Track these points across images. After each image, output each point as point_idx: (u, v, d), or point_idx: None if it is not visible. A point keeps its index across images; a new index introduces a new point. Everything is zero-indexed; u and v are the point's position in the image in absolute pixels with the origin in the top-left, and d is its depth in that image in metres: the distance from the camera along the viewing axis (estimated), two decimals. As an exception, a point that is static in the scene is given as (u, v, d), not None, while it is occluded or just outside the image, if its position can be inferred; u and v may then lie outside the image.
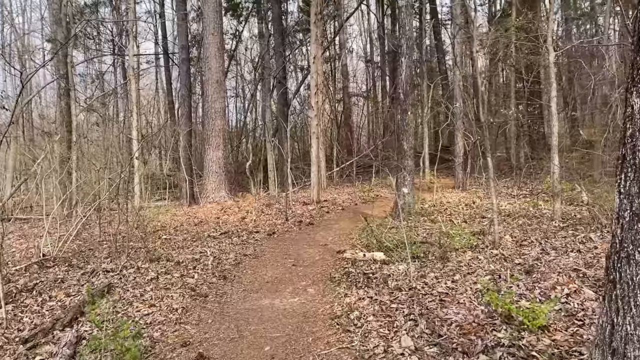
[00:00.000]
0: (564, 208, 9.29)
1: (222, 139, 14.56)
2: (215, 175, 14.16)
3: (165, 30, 24.38)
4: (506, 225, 8.40)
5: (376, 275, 5.83)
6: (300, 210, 12.24)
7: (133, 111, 16.42)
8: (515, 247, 6.94)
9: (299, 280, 6.31)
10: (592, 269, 5.29)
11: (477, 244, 6.91)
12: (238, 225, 10.62)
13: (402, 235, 7.04)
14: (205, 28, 14.67)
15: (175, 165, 22.66)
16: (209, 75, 14.47)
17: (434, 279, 5.44)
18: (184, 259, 7.36)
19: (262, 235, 9.50)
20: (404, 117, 9.32)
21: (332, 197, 14.41)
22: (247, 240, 8.99)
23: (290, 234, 9.67)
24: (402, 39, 9.35)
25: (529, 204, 10.08)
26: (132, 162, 15.48)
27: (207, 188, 14.29)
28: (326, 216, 11.46)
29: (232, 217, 11.63)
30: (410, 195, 9.51)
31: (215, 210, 12.84)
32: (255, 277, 6.62)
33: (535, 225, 8.24)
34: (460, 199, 11.78)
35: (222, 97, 14.78)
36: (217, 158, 14.34)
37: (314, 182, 12.98)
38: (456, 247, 6.61)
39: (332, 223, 10.56)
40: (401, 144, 9.38)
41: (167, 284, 6.15)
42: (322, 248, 8.16)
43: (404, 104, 9.32)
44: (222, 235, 9.44)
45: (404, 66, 9.30)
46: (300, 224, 10.60)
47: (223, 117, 14.81)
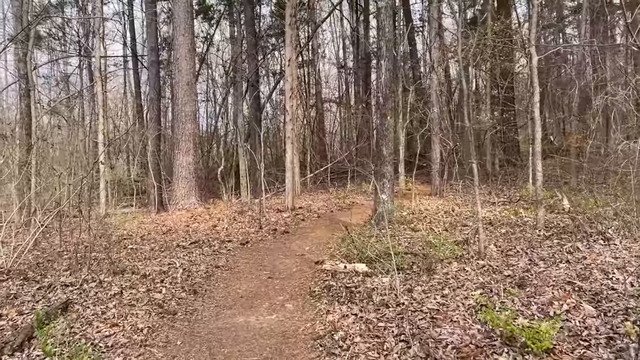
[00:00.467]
0: (545, 216, 9.09)
1: (193, 143, 14.02)
2: (185, 181, 13.59)
3: (134, 32, 23.63)
4: (489, 234, 8.13)
5: (359, 289, 5.44)
6: (274, 217, 11.79)
7: (99, 114, 15.72)
8: (501, 257, 6.66)
9: (276, 295, 5.88)
10: (587, 281, 5.02)
11: (462, 254, 6.60)
12: (209, 233, 10.11)
13: (385, 245, 6.68)
14: (176, 29, 14.13)
15: (143, 170, 21.92)
16: (179, 78, 13.92)
17: (421, 294, 5.08)
18: (151, 271, 6.84)
19: (234, 244, 9.02)
20: (383, 121, 9.00)
21: (306, 204, 13.99)
22: (219, 250, 8.51)
23: (264, 243, 9.22)
24: (381, 41, 9.04)
25: (510, 212, 9.86)
26: (97, 167, 14.80)
27: (176, 194, 13.71)
28: (302, 224, 11.04)
29: (203, 225, 11.11)
30: (390, 202, 9.18)
31: (184, 217, 12.29)
32: (228, 291, 6.16)
33: (518, 233, 8.00)
34: (438, 206, 11.52)
35: (193, 100, 14.25)
36: (187, 163, 13.78)
37: (289, 188, 12.56)
38: (441, 258, 6.28)
39: (308, 231, 10.15)
40: (380, 150, 9.05)
41: (131, 300, 5.63)
42: (299, 258, 7.75)
43: (384, 108, 9.00)
44: (192, 245, 8.92)
45: (383, 69, 8.99)
46: (275, 232, 10.16)
47: (194, 121, 14.26)
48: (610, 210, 8.25)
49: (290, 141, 12.58)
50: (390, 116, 9.00)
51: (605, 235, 6.93)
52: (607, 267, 5.47)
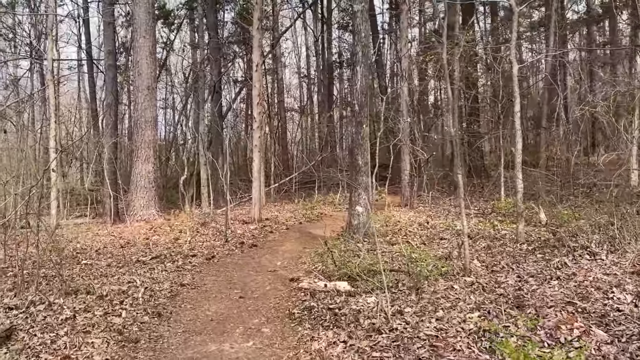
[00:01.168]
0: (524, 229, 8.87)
1: (153, 151, 13.28)
2: (144, 190, 12.83)
3: (89, 35, 22.52)
4: (469, 248, 7.81)
5: (344, 311, 4.96)
6: (240, 229, 11.20)
7: (51, 119, 14.75)
8: (487, 273, 6.33)
9: (250, 318, 5.34)
10: (588, 302, 4.70)
11: (446, 271, 6.22)
12: (171, 247, 9.44)
13: (367, 261, 6.24)
14: (136, 30, 13.40)
15: (98, 179, 20.83)
16: (139, 82, 13.19)
17: (413, 316, 4.65)
18: (109, 291, 6.16)
19: (200, 259, 8.40)
20: (359, 130, 8.60)
21: (273, 215, 13.44)
22: (183, 266, 7.87)
23: (232, 257, 8.63)
24: (357, 46, 8.66)
25: (486, 225, 9.61)
26: (48, 175, 13.84)
27: (134, 205, 12.92)
28: (270, 236, 10.49)
29: (164, 238, 10.41)
30: (365, 214, 8.77)
31: (144, 229, 11.54)
32: (196, 313, 5.57)
33: (499, 247, 7.71)
34: (410, 218, 11.19)
35: (153, 106, 13.53)
36: (146, 172, 13.02)
37: (255, 198, 12.00)
38: (426, 275, 5.87)
39: (278, 245, 9.62)
40: (355, 159, 8.64)
41: (86, 326, 4.97)
42: (272, 275, 7.21)
43: (359, 115, 8.61)
44: (153, 260, 8.24)
45: (359, 75, 8.60)
46: (242, 245, 9.58)
47: (154, 127, 13.53)
48: (589, 224, 8.09)
49: (257, 149, 12.03)
50: (366, 124, 8.62)
51: (590, 250, 6.70)
52: (602, 285, 5.19)
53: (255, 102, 12.07)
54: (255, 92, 12.08)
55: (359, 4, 8.62)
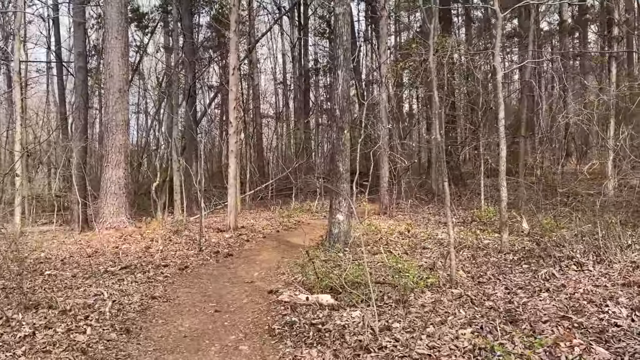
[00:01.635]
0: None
1: (124, 156, 12.77)
2: (114, 197, 12.30)
3: (59, 37, 21.81)
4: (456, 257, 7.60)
5: (328, 327, 4.66)
6: (215, 238, 10.80)
7: (17, 122, 14.12)
8: (474, 285, 6.11)
9: (227, 334, 4.98)
10: (583, 316, 4.50)
11: (432, 282, 5.96)
12: (142, 256, 9.00)
13: (350, 272, 5.95)
14: (108, 31, 12.92)
15: (66, 184, 20.10)
16: (110, 84, 12.69)
17: (403, 332, 4.37)
18: (73, 305, 5.72)
19: (172, 269, 7.98)
20: (340, 136, 8.33)
21: (249, 223, 13.07)
22: (154, 276, 7.44)
23: (206, 268, 8.24)
24: (338, 49, 8.41)
25: (467, 234, 9.43)
26: (12, 180, 13.23)
27: (104, 211, 12.38)
28: (246, 245, 10.12)
29: (135, 247, 9.95)
30: (346, 222, 8.48)
31: (113, 237, 11.04)
32: (168, 329, 5.19)
33: (483, 257, 7.53)
34: (390, 226, 10.96)
35: (125, 109, 13.03)
36: (117, 177, 12.50)
37: (231, 205, 11.61)
38: (412, 287, 5.61)
39: (255, 254, 9.26)
40: (336, 166, 8.36)
41: (47, 344, 4.56)
42: (249, 287, 6.85)
43: (340, 121, 8.35)
44: (122, 271, 7.79)
45: (340, 80, 8.35)
46: (217, 255, 9.19)
47: (125, 132, 13.03)
48: (573, 233, 7.97)
49: (233, 155, 11.66)
50: (347, 130, 8.36)
51: (576, 261, 6.55)
52: (595, 298, 5.01)
53: (231, 107, 11.72)
54: (232, 96, 11.73)
55: (341, 7, 8.39)
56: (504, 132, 7.47)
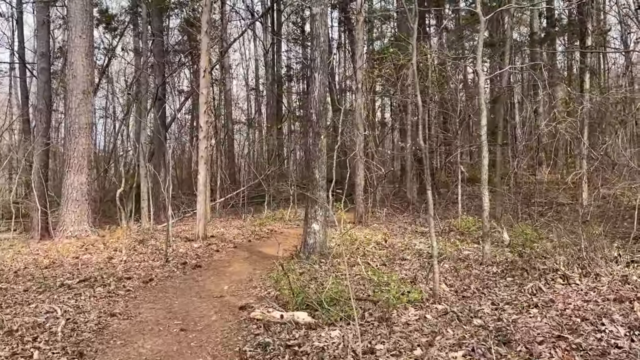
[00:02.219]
0: (486, 249, 8.45)
1: (87, 160, 12.13)
2: (75, 204, 11.65)
3: (22, 37, 20.91)
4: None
5: (305, 349, 4.24)
6: (183, 248, 10.26)
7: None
8: (458, 299, 5.77)
9: (194, 356, 4.51)
10: (578, 336, 4.19)
11: (415, 297, 5.60)
12: (104, 268, 8.42)
13: (327, 287, 5.54)
14: (72, 29, 12.29)
15: (28, 190, 19.20)
16: (73, 85, 12.06)
17: (388, 355, 3.98)
18: (21, 324, 5.16)
19: (135, 282, 7.44)
20: (316, 141, 7.94)
21: (219, 232, 12.54)
22: (115, 290, 6.89)
23: (173, 280, 7.71)
24: (315, 51, 8.04)
25: (445, 244, 9.12)
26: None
27: (64, 219, 11.71)
28: (216, 256, 9.61)
29: (96, 257, 9.36)
30: (322, 232, 8.08)
31: (74, 247, 10.40)
32: (127, 351, 4.68)
33: (465, 269, 7.20)
34: (366, 236, 10.59)
35: (89, 112, 12.40)
36: (79, 183, 11.86)
37: (200, 214, 11.08)
38: (394, 303, 5.23)
39: (225, 265, 8.76)
40: (312, 173, 7.96)
41: (-13, 372, 4.02)
42: (218, 302, 6.37)
43: (317, 126, 7.96)
44: (81, 284, 7.21)
45: (317, 83, 7.97)
46: (185, 266, 8.67)
47: (89, 135, 12.40)
48: (554, 245, 7.75)
49: (203, 160, 11.15)
50: (324, 135, 7.98)
51: (562, 273, 6.29)
52: (587, 315, 4.72)
53: (202, 110, 11.22)
54: (202, 99, 11.24)
55: (318, 7, 8.03)
56: (485, 140, 7.19)
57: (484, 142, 7.19)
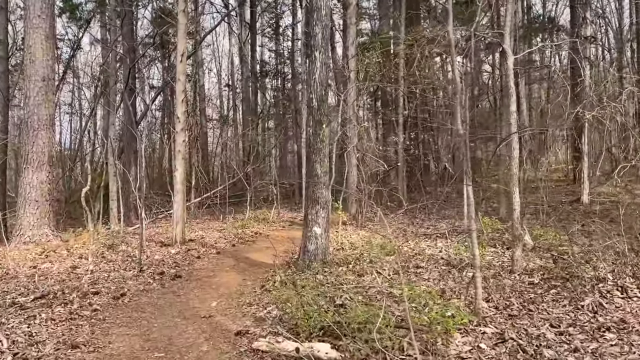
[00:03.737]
0: (506, 255, 7.49)
1: (48, 156, 10.75)
2: (34, 205, 10.28)
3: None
4: (459, 279, 6.25)
5: (338, 401, 3.13)
6: (158, 254, 9.02)
7: None
8: (504, 319, 4.74)
9: (184, 410, 3.35)
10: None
11: (463, 320, 4.52)
12: (66, 280, 7.15)
13: (347, 304, 4.43)
14: (29, 8, 10.88)
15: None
16: (31, 70, 10.66)
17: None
18: (-49, 364, 3.93)
19: (104, 298, 6.19)
20: (317, 131, 6.83)
21: (198, 235, 11.32)
22: (79, 310, 5.64)
23: (149, 295, 6.48)
24: (316, 26, 6.93)
25: (458, 248, 8.09)
26: None
27: (22, 222, 10.32)
28: (197, 264, 8.40)
29: (58, 266, 8.07)
30: (325, 236, 6.96)
31: (32, 254, 9.06)
32: (93, 402, 3.50)
33: (494, 280, 6.18)
34: (363, 239, 9.54)
35: (50, 101, 10.99)
36: (39, 182, 10.48)
37: (178, 215, 9.85)
38: (434, 325, 4.15)
39: (210, 275, 7.57)
40: (313, 167, 6.85)
41: None
42: (207, 324, 5.19)
43: (317, 113, 6.85)
44: (36, 302, 5.93)
45: (317, 63, 6.86)
46: (163, 277, 7.44)
47: (50, 128, 10.99)
48: (585, 249, 6.83)
49: (180, 156, 9.91)
50: (326, 124, 6.87)
51: (617, 284, 5.34)
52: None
53: (179, 99, 9.98)
54: (180, 87, 9.99)
55: (319, -26, 6.92)
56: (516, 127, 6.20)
57: (514, 130, 6.20)
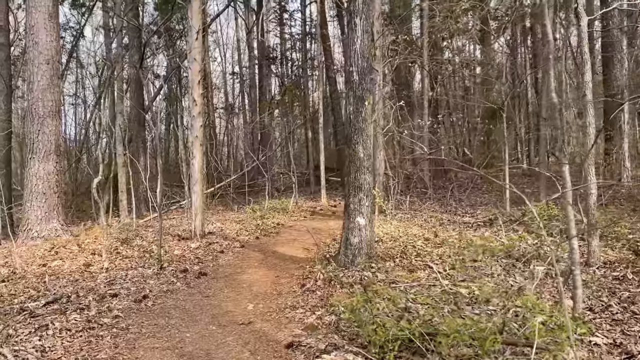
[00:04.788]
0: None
1: (56, 145, 10.02)
2: (42, 198, 9.55)
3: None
4: (528, 274, 5.47)
5: None
6: (178, 249, 8.28)
7: None
8: (608, 324, 3.96)
9: None
10: None
11: (584, 331, 3.73)
12: (79, 280, 6.42)
13: (426, 313, 3.65)
14: (31, -15, 10.11)
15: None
16: (34, 53, 9.89)
17: None
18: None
19: (124, 302, 5.45)
20: (359, 108, 6.03)
21: (216, 227, 10.57)
22: (97, 318, 4.89)
23: (174, 296, 5.73)
24: (355, -10, 6.12)
25: (513, 239, 7.29)
26: None
27: (29, 217, 9.61)
28: (222, 259, 7.65)
29: (70, 264, 7.34)
30: (369, 228, 6.18)
31: (41, 251, 8.36)
32: None
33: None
34: (400, 230, 8.76)
35: (56, 86, 10.22)
36: (46, 173, 9.76)
37: (197, 206, 9.09)
38: (543, 337, 3.36)
39: (238, 272, 6.82)
40: (355, 150, 6.06)
41: None
42: (248, 332, 4.43)
43: (359, 88, 6.05)
44: (48, 308, 5.20)
45: (358, 31, 6.06)
46: (186, 275, 6.70)
47: (57, 115, 10.23)
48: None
49: (198, 142, 9.14)
50: (369, 101, 6.08)
51: None
52: None
53: (195, 81, 9.18)
54: (196, 67, 9.19)
55: None
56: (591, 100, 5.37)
57: (589, 101, 5.37)
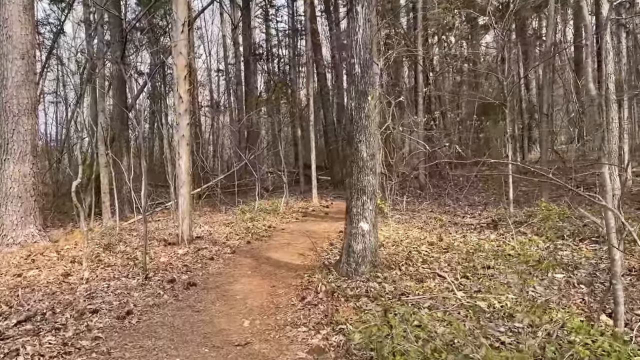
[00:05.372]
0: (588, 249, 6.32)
1: (32, 145, 9.40)
2: (17, 202, 8.94)
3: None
4: (547, 284, 5.04)
5: None
6: (165, 255, 7.75)
7: None
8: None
9: None
10: None
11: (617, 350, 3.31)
12: (57, 292, 5.87)
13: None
14: (3, -24, 9.46)
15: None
16: (8, 47, 9.26)
17: None
18: None
19: (106, 319, 4.90)
20: (361, 104, 5.56)
21: (204, 230, 10.05)
22: (74, 340, 4.34)
23: (161, 311, 5.20)
24: (355, -25, 5.64)
25: (520, 242, 6.88)
26: None
27: (4, 222, 8.99)
28: (212, 267, 7.13)
29: (47, 274, 6.78)
30: (373, 234, 5.70)
31: (17, 259, 7.80)
32: None
33: (595, 283, 5.00)
34: (400, 233, 8.32)
35: (32, 82, 9.60)
36: (22, 175, 9.14)
37: (184, 210, 8.55)
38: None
39: (230, 282, 6.30)
40: (357, 149, 5.58)
41: None
42: (246, 356, 3.92)
43: (361, 82, 5.57)
44: (20, 328, 4.66)
45: (360, 20, 5.58)
46: (174, 285, 6.17)
47: (33, 113, 9.61)
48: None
49: (185, 141, 8.60)
50: (371, 96, 5.60)
51: None
52: None
53: (181, 77, 8.63)
54: (182, 61, 8.64)
55: None
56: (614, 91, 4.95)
57: (612, 98, 4.95)
